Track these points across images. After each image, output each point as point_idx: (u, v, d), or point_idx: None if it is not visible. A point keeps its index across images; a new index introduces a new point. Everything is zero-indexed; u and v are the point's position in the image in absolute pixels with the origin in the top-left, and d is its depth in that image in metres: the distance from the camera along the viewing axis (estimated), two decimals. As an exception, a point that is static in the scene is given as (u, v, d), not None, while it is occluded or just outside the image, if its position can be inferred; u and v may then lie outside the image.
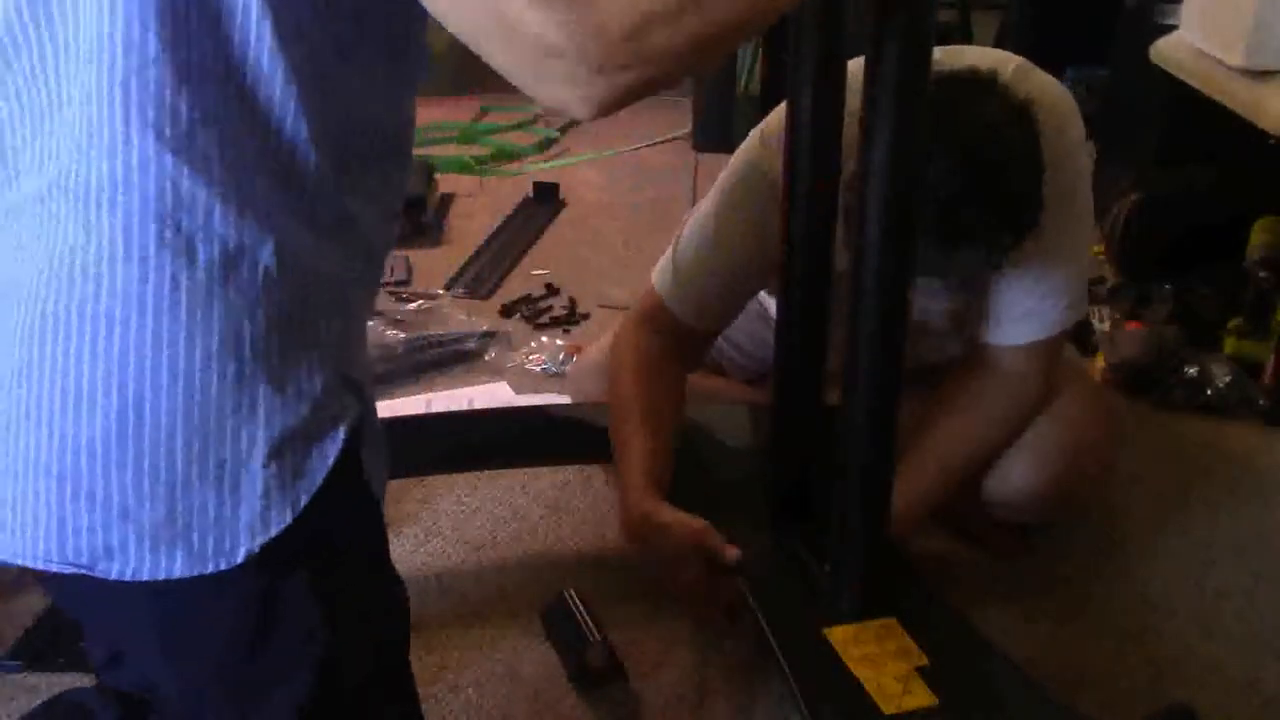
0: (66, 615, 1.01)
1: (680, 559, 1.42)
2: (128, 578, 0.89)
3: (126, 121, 0.84)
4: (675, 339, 1.62)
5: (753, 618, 1.36)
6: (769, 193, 1.49)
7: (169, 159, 0.84)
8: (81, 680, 1.42)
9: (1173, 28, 2.39)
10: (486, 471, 1.88)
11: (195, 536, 0.88)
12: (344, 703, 0.98)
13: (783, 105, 1.55)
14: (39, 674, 1.48)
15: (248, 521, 0.89)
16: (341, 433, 0.92)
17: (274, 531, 0.89)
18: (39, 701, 1.32)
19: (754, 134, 1.58)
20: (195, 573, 0.88)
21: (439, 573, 1.69)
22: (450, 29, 0.84)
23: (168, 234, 0.85)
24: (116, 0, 0.83)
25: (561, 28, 0.79)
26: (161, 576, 0.88)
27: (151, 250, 0.85)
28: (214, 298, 0.86)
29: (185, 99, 0.84)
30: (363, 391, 0.97)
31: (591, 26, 0.80)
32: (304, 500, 0.90)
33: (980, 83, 1.38)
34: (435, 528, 1.79)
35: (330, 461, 0.91)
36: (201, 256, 0.86)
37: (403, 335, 2.26)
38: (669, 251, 1.65)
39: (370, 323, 1.12)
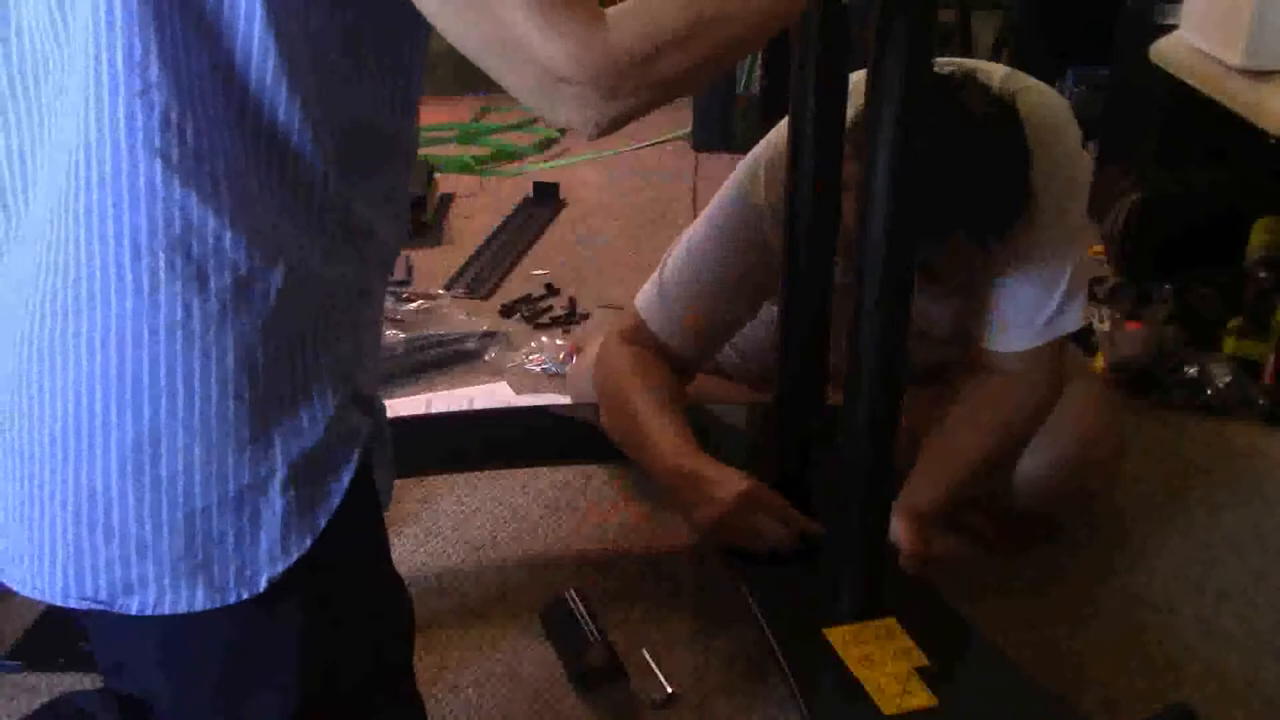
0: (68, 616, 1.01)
1: (734, 511, 1.42)
2: (149, 612, 0.87)
3: (131, 147, 0.82)
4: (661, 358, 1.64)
5: (753, 617, 1.36)
6: (757, 222, 1.54)
7: (176, 184, 0.82)
8: (82, 680, 1.43)
9: (1173, 28, 2.39)
10: (486, 471, 1.88)
11: (216, 568, 0.87)
12: (339, 706, 0.98)
13: (770, 133, 1.59)
14: (39, 674, 1.47)
15: (268, 549, 0.88)
16: (356, 453, 0.91)
17: (294, 557, 0.88)
18: (39, 702, 1.32)
19: (743, 165, 1.60)
20: (217, 604, 0.87)
21: (439, 573, 1.69)
22: (458, 48, 0.84)
23: (177, 261, 0.83)
24: (115, 21, 0.80)
25: (573, 58, 0.80)
26: (183, 610, 0.87)
27: (162, 279, 0.83)
28: (226, 324, 0.84)
29: (191, 122, 0.82)
30: (373, 406, 0.96)
31: (603, 57, 0.81)
32: (323, 524, 0.89)
33: (955, 77, 1.41)
34: (435, 528, 1.79)
35: (346, 483, 0.90)
36: (213, 283, 0.84)
37: (403, 335, 2.26)
38: (655, 277, 1.66)
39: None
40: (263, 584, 0.88)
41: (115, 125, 0.82)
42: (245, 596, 0.88)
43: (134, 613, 0.88)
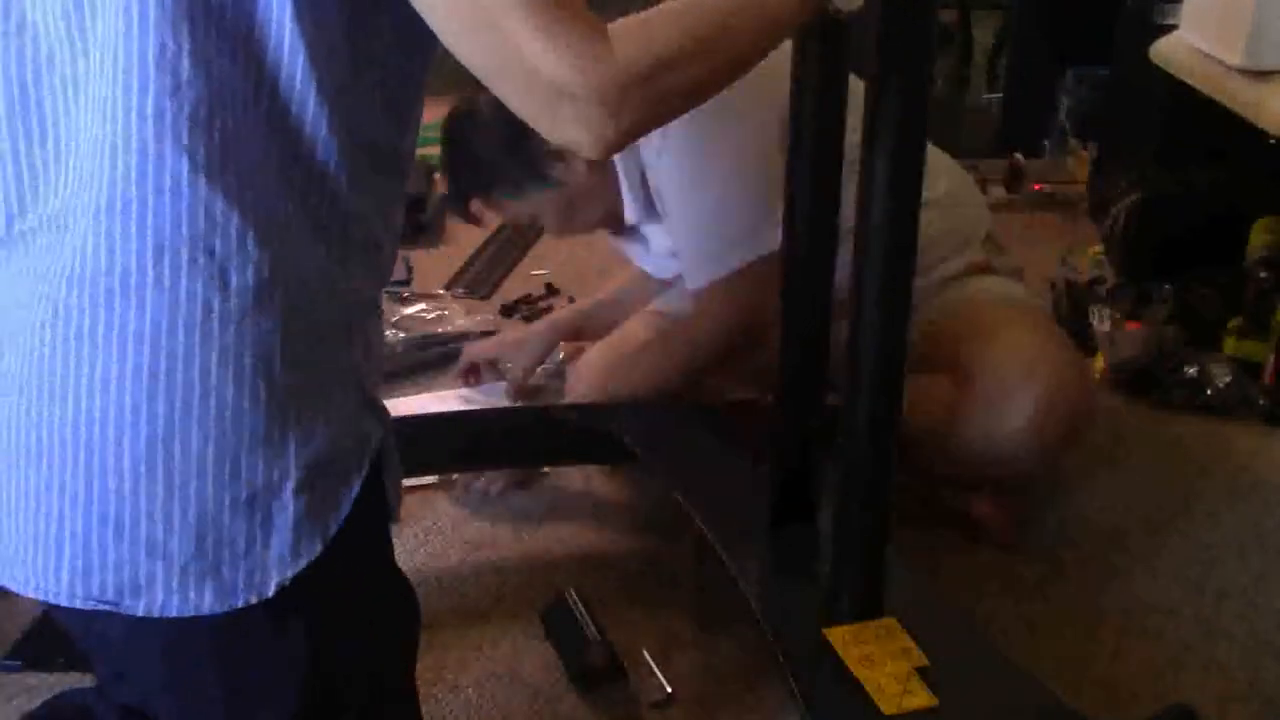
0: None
1: None
2: (155, 614, 0.87)
3: (160, 142, 0.82)
4: None
5: (753, 618, 1.36)
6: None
7: (203, 182, 0.82)
8: (82, 680, 1.43)
9: (1173, 28, 2.38)
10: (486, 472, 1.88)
11: (225, 570, 0.86)
12: (344, 707, 0.98)
13: None
14: (39, 674, 1.48)
15: (278, 553, 0.87)
16: (368, 459, 0.91)
17: (304, 563, 0.88)
18: (39, 701, 1.32)
19: None
20: (225, 608, 0.87)
21: (439, 573, 1.69)
22: (466, 64, 0.85)
23: (200, 259, 0.83)
24: (147, 18, 0.81)
25: (577, 72, 0.82)
26: (190, 613, 0.86)
27: (183, 275, 0.83)
28: (246, 324, 0.84)
29: (219, 121, 0.83)
30: (382, 412, 0.96)
31: (606, 71, 0.82)
32: (334, 529, 0.89)
33: None
34: (435, 528, 1.79)
35: (356, 489, 0.90)
36: (234, 282, 0.84)
37: (403, 335, 2.26)
38: None
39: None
40: (271, 589, 0.87)
41: (144, 122, 0.82)
42: (254, 600, 0.87)
43: (140, 614, 0.87)
